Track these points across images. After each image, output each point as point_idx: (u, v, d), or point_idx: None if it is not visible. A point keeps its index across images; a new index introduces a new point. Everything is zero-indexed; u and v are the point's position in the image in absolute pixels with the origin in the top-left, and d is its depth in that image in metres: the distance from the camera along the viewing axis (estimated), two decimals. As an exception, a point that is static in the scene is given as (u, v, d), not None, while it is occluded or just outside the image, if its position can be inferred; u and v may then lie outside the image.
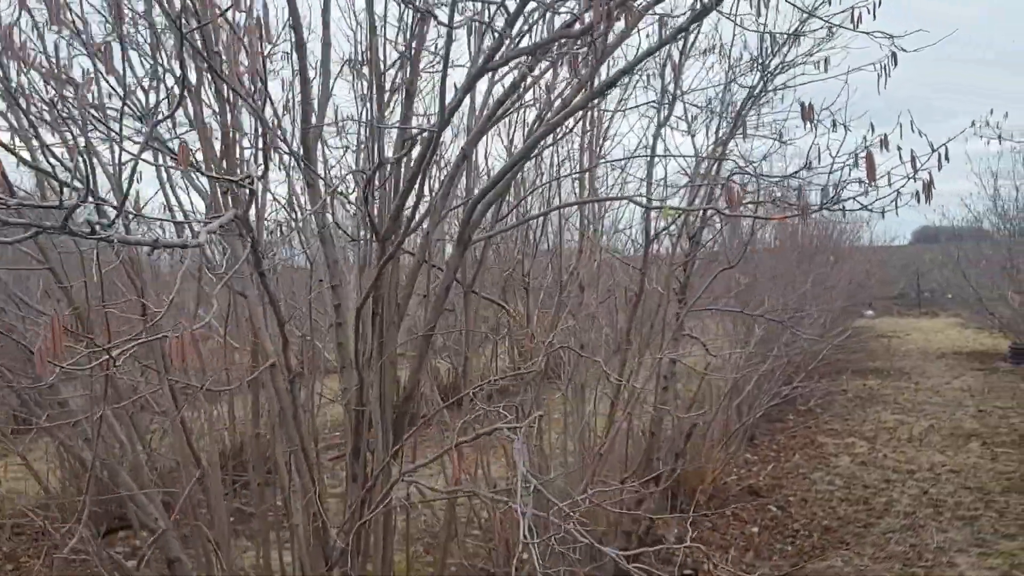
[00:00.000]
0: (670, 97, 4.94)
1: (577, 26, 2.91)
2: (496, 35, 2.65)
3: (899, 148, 3.17)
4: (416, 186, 3.08)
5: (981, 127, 9.10)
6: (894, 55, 3.78)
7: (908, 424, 12.93)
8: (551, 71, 3.65)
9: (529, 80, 3.31)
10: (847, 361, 19.31)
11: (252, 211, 3.44)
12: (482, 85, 4.23)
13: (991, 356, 20.57)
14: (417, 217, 3.31)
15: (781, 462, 10.83)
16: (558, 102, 3.32)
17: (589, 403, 5.60)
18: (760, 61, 4.79)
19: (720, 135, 5.03)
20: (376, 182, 3.38)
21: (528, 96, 3.85)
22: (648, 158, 4.98)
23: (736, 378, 9.20)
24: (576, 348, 4.26)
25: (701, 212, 4.94)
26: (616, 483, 4.57)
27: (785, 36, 4.59)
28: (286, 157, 4.68)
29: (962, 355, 21.31)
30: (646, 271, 4.85)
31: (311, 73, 3.47)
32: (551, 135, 3.53)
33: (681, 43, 4.80)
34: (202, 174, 2.41)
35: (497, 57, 2.78)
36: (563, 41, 2.90)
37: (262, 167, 2.41)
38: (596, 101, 4.77)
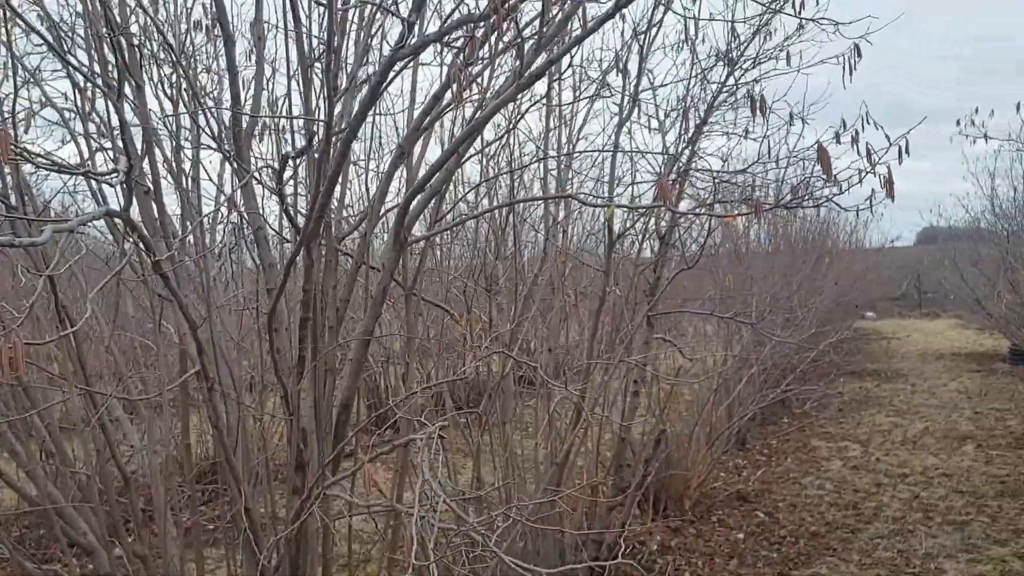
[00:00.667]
0: (631, 93, 4.80)
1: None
2: (404, 23, 2.53)
3: (854, 140, 3.03)
4: (329, 185, 2.92)
5: (966, 126, 8.95)
6: (857, 47, 3.65)
7: (903, 427, 12.78)
8: (489, 67, 3.54)
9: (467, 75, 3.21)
10: (845, 363, 19.18)
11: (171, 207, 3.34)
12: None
13: (990, 357, 20.41)
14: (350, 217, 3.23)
15: (772, 466, 10.68)
16: (492, 96, 3.20)
17: (560, 409, 5.46)
18: (726, 56, 4.64)
19: (683, 133, 4.88)
20: (289, 178, 3.26)
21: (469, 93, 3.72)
22: (607, 155, 4.84)
23: (720, 381, 9.07)
24: (510, 353, 4.11)
25: (669, 212, 4.80)
26: (577, 491, 4.43)
27: (752, 30, 4.46)
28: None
29: (961, 356, 21.16)
30: (610, 273, 4.71)
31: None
32: (504, 132, 3.42)
33: (642, 38, 4.68)
34: (40, 167, 2.28)
35: (405, 47, 2.66)
36: (498, 33, 2.78)
37: (126, 161, 2.26)
38: (556, 96, 4.66)
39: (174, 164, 3.96)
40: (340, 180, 3.92)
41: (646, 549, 7.51)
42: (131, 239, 2.82)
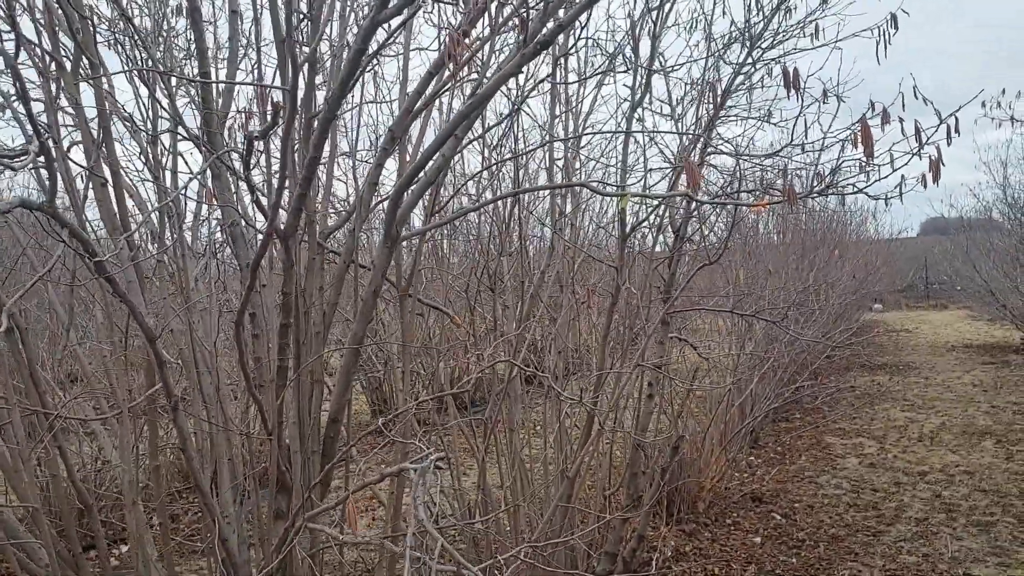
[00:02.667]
0: (643, 73, 4.46)
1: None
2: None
3: (900, 120, 2.70)
4: (308, 172, 2.58)
5: (992, 108, 8.56)
6: (894, 17, 3.31)
7: (918, 422, 12.45)
8: (489, 43, 3.22)
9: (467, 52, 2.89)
10: (856, 356, 18.86)
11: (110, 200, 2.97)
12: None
13: (1002, 349, 20.06)
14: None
15: (786, 465, 10.36)
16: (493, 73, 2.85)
17: (571, 410, 5.15)
18: (745, 32, 4.30)
19: (700, 118, 4.53)
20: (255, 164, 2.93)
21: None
22: (616, 144, 4.50)
23: (735, 380, 8.75)
24: (508, 358, 3.79)
25: (685, 203, 4.47)
26: (591, 504, 4.11)
27: (772, 4, 4.12)
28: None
29: (972, 348, 20.80)
30: (622, 268, 4.38)
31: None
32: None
33: (655, 13, 4.34)
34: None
35: (390, 6, 2.33)
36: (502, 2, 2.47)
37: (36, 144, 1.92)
38: (562, 76, 4.34)
39: (150, 155, 3.65)
40: (326, 169, 3.63)
41: (660, 555, 7.20)
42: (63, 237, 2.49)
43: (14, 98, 2.83)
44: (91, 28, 2.68)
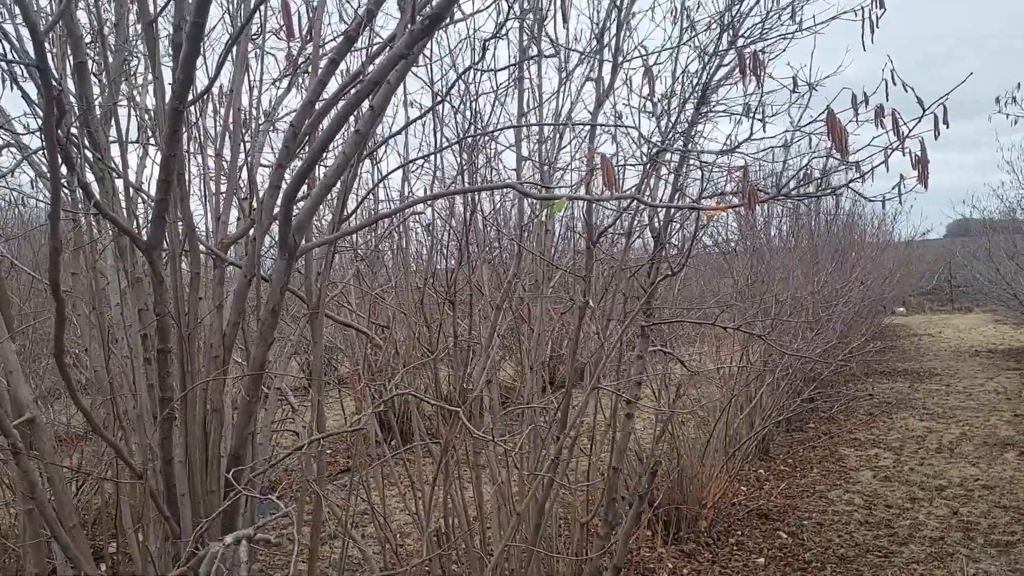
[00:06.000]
0: (611, 65, 4.09)
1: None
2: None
3: (879, 109, 2.31)
4: (165, 173, 2.25)
5: (1006, 104, 8.08)
6: (878, -5, 2.94)
7: (938, 432, 11.95)
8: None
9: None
10: (875, 362, 18.32)
11: None
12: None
13: (1029, 354, 19.44)
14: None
15: (797, 478, 9.91)
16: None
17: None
18: (727, 16, 3.89)
19: (663, 114, 4.14)
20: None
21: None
22: (587, 145, 4.12)
23: (738, 388, 8.35)
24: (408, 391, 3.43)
25: (636, 206, 4.08)
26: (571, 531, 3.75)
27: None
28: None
29: (997, 354, 20.18)
30: (590, 278, 4.01)
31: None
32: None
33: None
34: None
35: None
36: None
37: None
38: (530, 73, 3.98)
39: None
40: (228, 171, 3.29)
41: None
42: None
43: None
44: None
